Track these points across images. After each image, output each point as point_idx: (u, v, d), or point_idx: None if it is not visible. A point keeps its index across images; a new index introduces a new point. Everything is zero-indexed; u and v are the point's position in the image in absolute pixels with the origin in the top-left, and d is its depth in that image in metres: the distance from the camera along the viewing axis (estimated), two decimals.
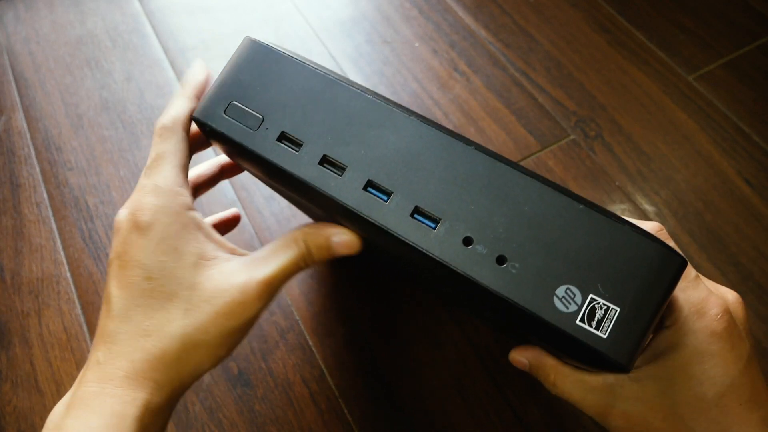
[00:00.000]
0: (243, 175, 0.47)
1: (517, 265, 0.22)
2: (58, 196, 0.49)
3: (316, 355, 0.42)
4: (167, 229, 0.25)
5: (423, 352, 0.42)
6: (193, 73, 0.29)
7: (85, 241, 0.47)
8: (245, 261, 0.27)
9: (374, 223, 0.23)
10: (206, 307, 0.25)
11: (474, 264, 0.22)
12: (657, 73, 0.56)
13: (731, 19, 0.60)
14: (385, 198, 0.24)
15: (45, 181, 0.50)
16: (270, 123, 0.25)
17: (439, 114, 0.54)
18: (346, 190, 0.24)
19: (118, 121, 0.54)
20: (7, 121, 0.54)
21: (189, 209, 0.26)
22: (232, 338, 0.26)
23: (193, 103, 0.28)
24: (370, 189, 0.24)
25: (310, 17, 0.61)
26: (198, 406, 0.40)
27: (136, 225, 0.25)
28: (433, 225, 0.23)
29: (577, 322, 0.21)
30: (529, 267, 0.22)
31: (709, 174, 0.50)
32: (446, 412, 0.40)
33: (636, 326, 0.21)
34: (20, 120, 0.54)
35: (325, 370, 0.41)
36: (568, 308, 0.21)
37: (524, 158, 0.51)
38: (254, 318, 0.26)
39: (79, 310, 0.44)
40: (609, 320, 0.21)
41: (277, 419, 0.39)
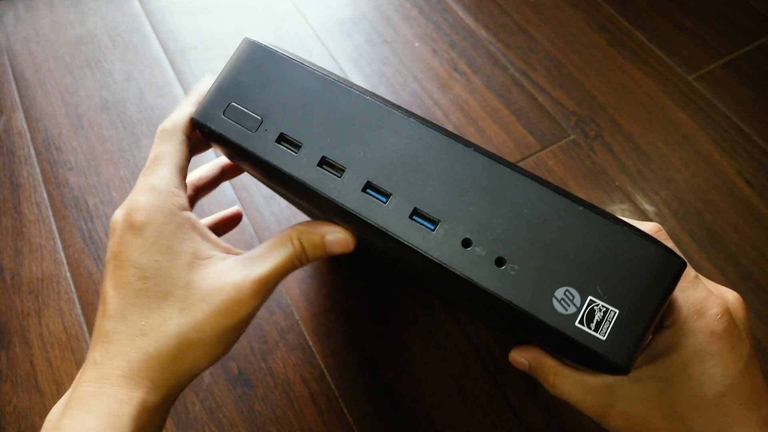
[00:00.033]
0: (243, 176, 0.47)
1: (516, 266, 0.22)
2: (58, 196, 0.49)
3: (316, 355, 0.42)
4: (162, 228, 0.25)
5: (423, 352, 0.42)
6: (200, 84, 0.29)
7: (85, 241, 0.47)
8: (240, 260, 0.27)
9: (373, 225, 0.23)
10: (202, 306, 0.25)
11: (473, 266, 0.22)
12: (657, 73, 0.56)
13: (731, 19, 0.60)
14: (384, 200, 0.24)
15: (45, 181, 0.50)
16: (269, 124, 0.25)
17: (439, 114, 0.54)
18: (345, 191, 0.24)
19: (118, 121, 0.54)
20: (7, 121, 0.54)
21: (184, 209, 0.26)
22: (228, 337, 0.26)
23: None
24: (369, 191, 0.24)
25: (310, 17, 0.61)
26: (198, 406, 0.40)
27: (130, 225, 0.25)
28: (432, 227, 0.23)
29: (576, 324, 0.21)
30: (528, 269, 0.22)
31: (709, 174, 0.50)
32: (446, 412, 0.40)
33: (635, 328, 0.21)
34: (20, 120, 0.54)
35: (325, 370, 0.41)
36: (567, 310, 0.21)
37: (524, 158, 0.51)
38: (250, 316, 0.26)
39: (79, 310, 0.44)
40: (608, 322, 0.21)
41: (277, 419, 0.39)
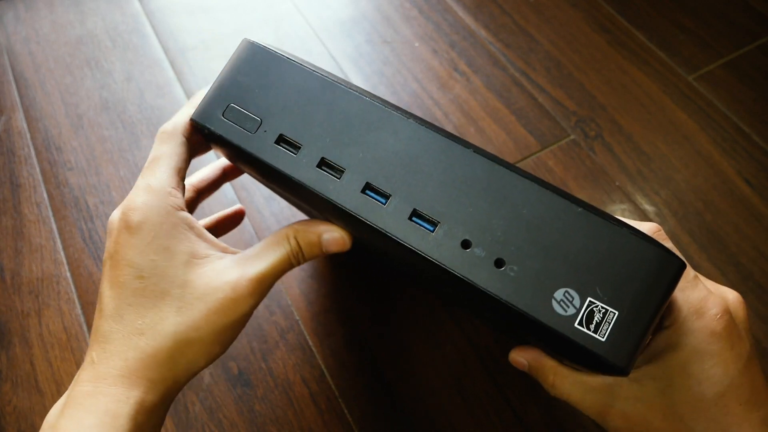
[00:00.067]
0: (243, 176, 0.47)
1: (516, 268, 0.22)
2: (58, 196, 0.49)
3: (316, 355, 0.42)
4: (158, 228, 0.25)
5: (423, 352, 0.42)
6: (203, 91, 0.29)
7: (85, 241, 0.47)
8: (237, 258, 0.27)
9: (372, 226, 0.23)
10: (199, 305, 0.25)
11: (472, 267, 0.22)
12: (657, 73, 0.56)
13: (731, 19, 0.60)
14: (384, 201, 0.24)
15: (45, 181, 0.50)
16: (268, 125, 0.25)
17: (439, 114, 0.54)
18: (344, 192, 0.24)
19: (118, 121, 0.54)
20: (7, 121, 0.54)
21: (180, 209, 0.26)
22: (226, 335, 0.26)
23: None
24: (368, 192, 0.24)
25: (310, 17, 0.61)
26: (198, 406, 0.40)
27: (127, 225, 0.25)
28: (431, 228, 0.23)
29: (576, 325, 0.21)
30: (528, 270, 0.22)
31: (709, 174, 0.50)
32: (446, 412, 0.40)
33: (634, 329, 0.21)
34: (20, 120, 0.54)
35: (325, 370, 0.41)
36: (566, 311, 0.21)
37: (524, 158, 0.51)
38: (247, 315, 0.26)
39: (79, 310, 0.44)
40: (607, 323, 0.21)
41: (277, 419, 0.39)
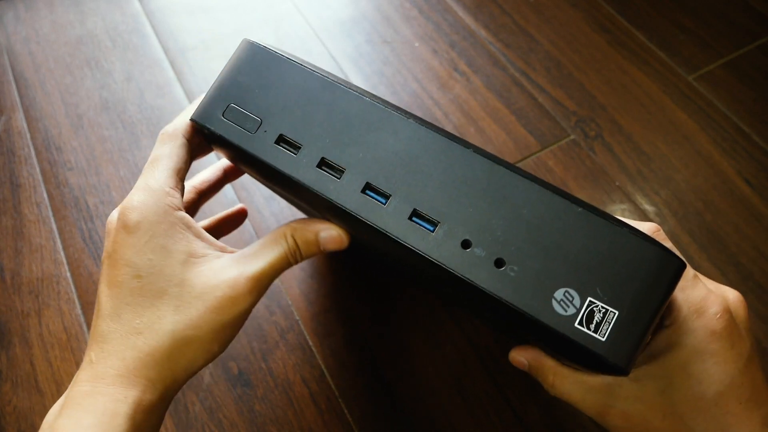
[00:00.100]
0: (243, 176, 0.47)
1: (516, 268, 0.22)
2: (58, 196, 0.49)
3: (316, 355, 0.42)
4: (155, 227, 0.25)
5: (423, 353, 0.42)
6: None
7: (85, 241, 0.47)
8: (235, 257, 0.27)
9: (372, 226, 0.23)
10: (197, 304, 0.25)
11: (472, 267, 0.22)
12: (657, 73, 0.56)
13: (731, 19, 0.60)
14: (384, 201, 0.24)
15: (45, 181, 0.50)
16: (268, 125, 0.25)
17: (439, 114, 0.54)
18: (344, 192, 0.24)
19: (118, 121, 0.54)
20: (7, 121, 0.54)
21: (178, 209, 0.26)
22: (224, 333, 0.26)
23: None
24: (368, 192, 0.24)
25: (310, 17, 0.61)
26: (198, 406, 0.40)
27: (124, 224, 0.25)
28: (431, 228, 0.23)
29: (576, 325, 0.21)
30: (528, 270, 0.22)
31: (709, 174, 0.50)
32: (446, 412, 0.40)
33: (635, 329, 0.21)
34: (20, 120, 0.54)
35: (325, 370, 0.41)
36: (566, 311, 0.21)
37: (524, 158, 0.51)
38: (245, 313, 0.26)
39: (79, 310, 0.44)
40: (607, 323, 0.21)
41: (277, 419, 0.39)
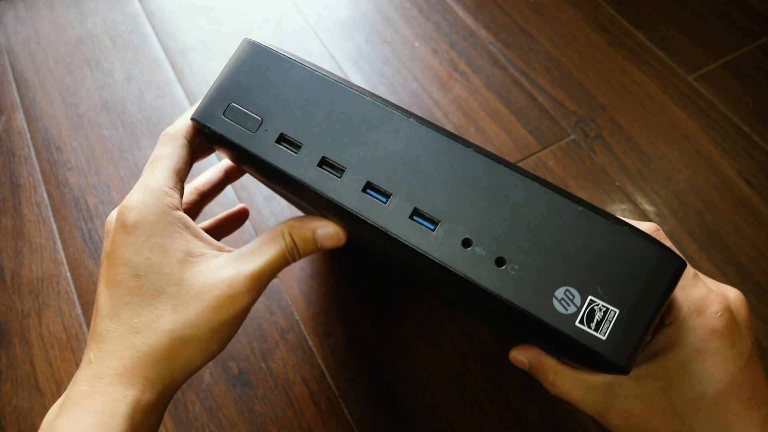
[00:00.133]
0: (243, 176, 0.47)
1: (516, 266, 0.22)
2: (58, 196, 0.49)
3: (316, 355, 0.42)
4: (153, 227, 0.25)
5: (423, 353, 0.42)
6: None
7: (85, 241, 0.47)
8: (232, 256, 0.27)
9: (373, 225, 0.23)
10: (195, 302, 0.25)
11: (473, 266, 0.22)
12: (657, 73, 0.56)
13: (731, 19, 0.60)
14: (384, 200, 0.24)
15: (45, 181, 0.50)
16: (269, 125, 0.25)
17: (439, 114, 0.54)
18: (345, 191, 0.24)
19: (118, 121, 0.54)
20: (7, 121, 0.54)
21: (176, 209, 0.27)
22: (223, 332, 0.26)
23: None
24: (369, 191, 0.24)
25: (310, 17, 0.61)
26: (198, 406, 0.40)
27: (122, 224, 0.26)
28: (432, 227, 0.23)
29: (576, 323, 0.21)
30: (528, 269, 0.22)
31: (709, 174, 0.50)
32: (446, 412, 0.40)
33: (635, 328, 0.21)
34: (20, 120, 0.54)
35: (325, 370, 0.41)
36: (567, 310, 0.21)
37: (524, 158, 0.51)
38: (243, 312, 0.26)
39: (79, 310, 0.44)
40: (608, 322, 0.21)
41: (277, 419, 0.39)
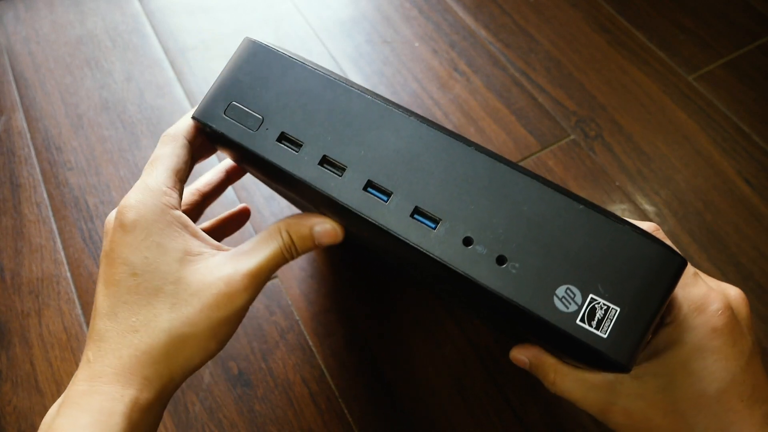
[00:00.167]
0: (243, 176, 0.47)
1: (517, 265, 0.22)
2: (58, 196, 0.49)
3: (316, 355, 0.42)
4: (151, 226, 0.25)
5: (423, 353, 0.42)
6: None
7: (85, 241, 0.47)
8: (230, 254, 0.27)
9: (374, 223, 0.23)
10: (193, 301, 0.25)
11: (474, 264, 0.22)
12: (657, 73, 0.56)
13: (731, 19, 0.60)
14: (385, 198, 0.24)
15: (45, 181, 0.50)
16: (270, 123, 0.25)
17: (439, 114, 0.54)
18: (346, 190, 0.24)
19: (118, 121, 0.54)
20: (7, 121, 0.54)
21: (174, 208, 0.27)
22: (221, 330, 0.26)
23: None
24: (370, 189, 0.24)
25: (310, 17, 0.61)
26: (198, 406, 0.40)
27: (121, 223, 0.26)
28: (433, 225, 0.23)
29: (577, 321, 0.21)
30: (529, 267, 0.22)
31: (709, 174, 0.50)
32: (446, 412, 0.40)
33: (636, 326, 0.21)
34: (20, 120, 0.54)
35: (325, 370, 0.41)
36: (568, 308, 0.21)
37: (524, 158, 0.51)
38: (242, 310, 0.26)
39: (79, 310, 0.44)
40: (609, 320, 0.21)
41: (277, 419, 0.39)
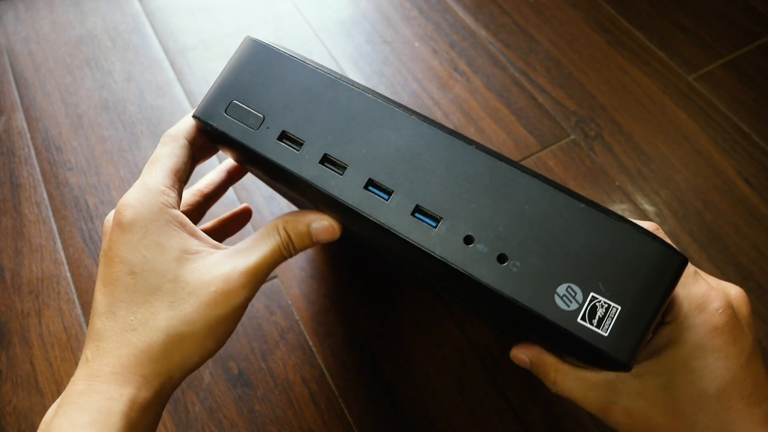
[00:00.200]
0: (244, 176, 0.47)
1: (518, 263, 0.22)
2: (58, 196, 0.49)
3: (316, 355, 0.42)
4: (150, 225, 0.25)
5: (423, 353, 0.42)
6: None
7: (85, 241, 0.47)
8: (228, 253, 0.27)
9: (375, 222, 0.23)
10: (191, 299, 0.25)
11: (475, 262, 0.22)
12: (657, 73, 0.56)
13: (731, 19, 0.60)
14: (386, 197, 0.24)
15: (45, 181, 0.50)
16: (271, 122, 0.25)
17: (439, 114, 0.54)
18: (347, 189, 0.24)
19: (118, 121, 0.54)
20: (7, 121, 0.54)
21: (172, 207, 0.27)
22: (219, 329, 0.26)
23: None
24: (371, 188, 0.24)
25: (310, 17, 0.61)
26: (198, 406, 0.40)
27: (119, 222, 0.26)
28: (434, 224, 0.23)
29: (578, 320, 0.21)
30: (530, 265, 0.22)
31: (709, 174, 0.50)
32: (446, 412, 0.40)
33: (637, 324, 0.21)
34: (20, 120, 0.54)
35: (325, 370, 0.41)
36: (569, 306, 0.21)
37: (524, 158, 0.51)
38: (240, 308, 0.26)
39: (79, 310, 0.44)
40: (610, 318, 0.21)
41: (277, 419, 0.39)
